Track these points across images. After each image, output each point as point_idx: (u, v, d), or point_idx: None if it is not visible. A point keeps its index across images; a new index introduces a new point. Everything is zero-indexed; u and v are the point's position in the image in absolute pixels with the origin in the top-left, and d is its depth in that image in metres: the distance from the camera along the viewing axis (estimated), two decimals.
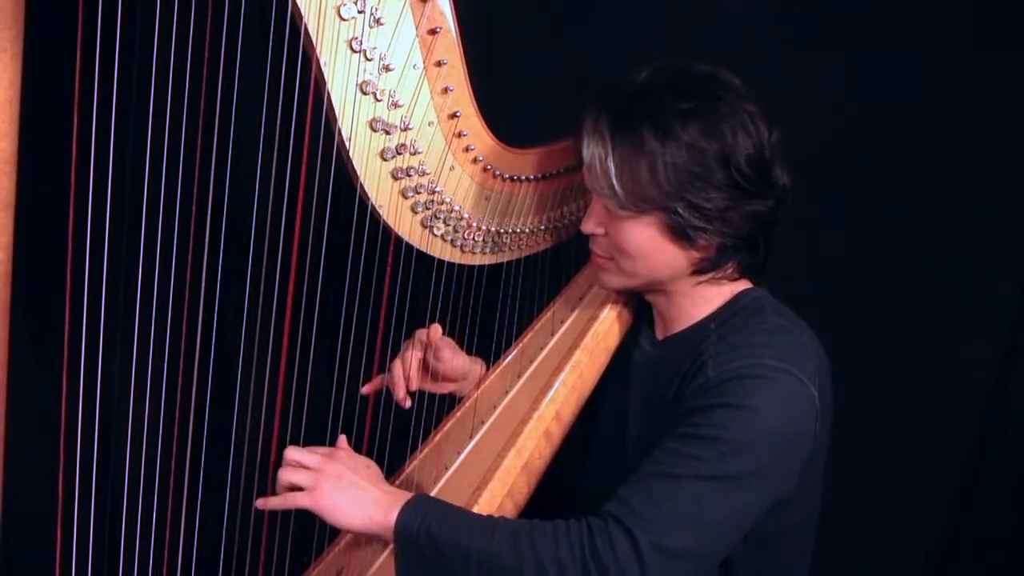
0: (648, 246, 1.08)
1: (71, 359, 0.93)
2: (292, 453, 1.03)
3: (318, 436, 1.18)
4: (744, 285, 1.14)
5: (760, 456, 0.97)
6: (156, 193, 0.95)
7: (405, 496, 1.02)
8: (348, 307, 1.17)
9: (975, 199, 1.65)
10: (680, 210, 1.03)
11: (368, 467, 1.05)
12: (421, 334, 1.27)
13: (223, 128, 0.98)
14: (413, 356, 1.26)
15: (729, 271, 1.11)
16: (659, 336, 1.20)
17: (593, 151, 1.06)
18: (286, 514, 1.12)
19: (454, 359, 1.31)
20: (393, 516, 0.99)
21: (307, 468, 1.02)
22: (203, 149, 0.97)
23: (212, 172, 0.98)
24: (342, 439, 1.10)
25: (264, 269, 1.04)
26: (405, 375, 1.25)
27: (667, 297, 1.16)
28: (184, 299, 1.01)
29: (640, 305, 1.28)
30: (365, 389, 1.26)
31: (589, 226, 1.13)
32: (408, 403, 1.25)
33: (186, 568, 1.09)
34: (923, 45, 1.61)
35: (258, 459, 1.09)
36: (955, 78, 1.60)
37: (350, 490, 1.01)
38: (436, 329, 1.25)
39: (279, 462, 1.05)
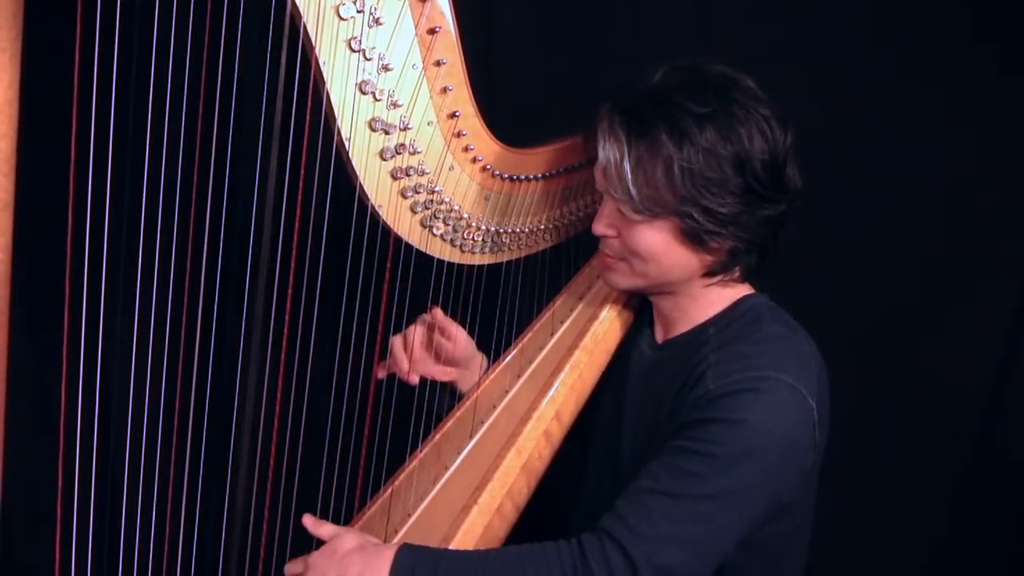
0: (661, 249, 1.08)
1: (70, 359, 0.93)
2: None
3: (317, 437, 1.19)
4: (745, 291, 1.15)
5: (757, 470, 0.97)
6: (155, 194, 0.95)
7: (386, 558, 1.00)
8: (348, 307, 1.17)
9: (975, 199, 1.64)
10: (695, 215, 1.03)
11: (333, 554, 1.02)
12: (425, 317, 1.27)
13: (222, 128, 0.98)
14: (416, 330, 1.27)
15: (736, 273, 1.11)
16: (659, 339, 1.20)
17: (609, 153, 1.05)
18: (286, 510, 1.13)
19: (460, 336, 1.30)
20: None
21: None
22: (202, 149, 0.97)
23: (211, 173, 0.98)
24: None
25: (264, 270, 1.04)
26: (408, 348, 1.25)
27: (673, 298, 1.16)
28: (183, 301, 1.01)
29: (640, 304, 1.28)
30: (380, 373, 1.25)
31: (600, 228, 1.12)
32: (415, 379, 1.25)
33: (185, 565, 1.09)
34: (923, 42, 1.60)
35: (257, 459, 1.09)
36: (954, 76, 1.60)
37: None
38: (437, 311, 1.26)
39: (278, 462, 1.06)
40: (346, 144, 1.04)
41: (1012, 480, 1.70)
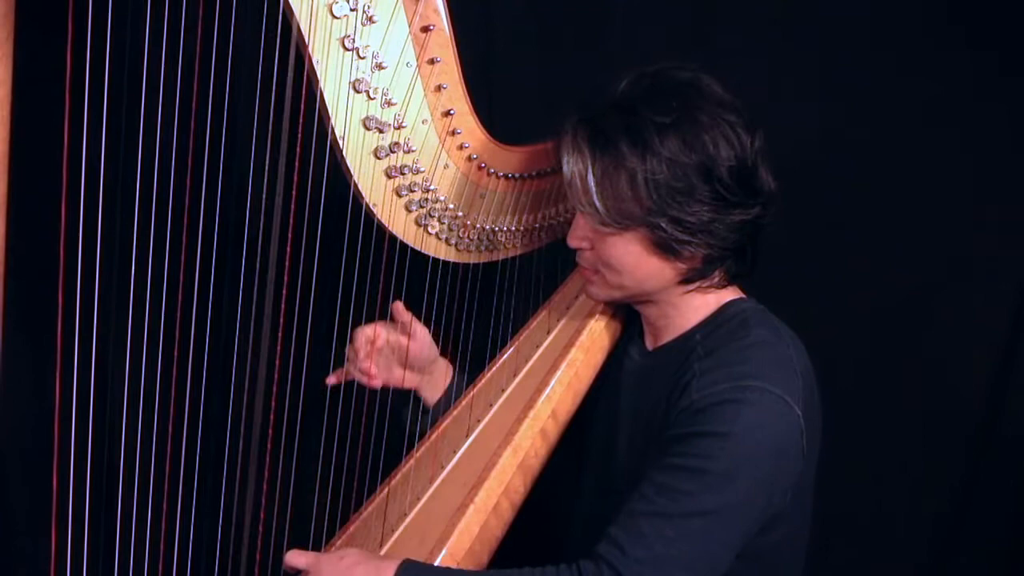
0: (633, 260, 1.07)
1: (64, 358, 0.93)
2: None
3: (314, 436, 1.19)
4: (731, 295, 1.13)
5: (748, 482, 0.97)
6: (149, 193, 0.95)
7: (388, 570, 1.02)
8: (343, 307, 1.17)
9: (975, 199, 1.64)
10: (663, 225, 1.02)
11: (340, 560, 1.05)
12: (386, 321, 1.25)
13: (215, 128, 0.98)
14: (377, 331, 1.23)
15: (716, 279, 1.10)
16: (648, 346, 1.20)
17: (573, 167, 1.05)
18: (282, 512, 1.12)
19: (421, 333, 1.27)
20: None
21: None
22: (196, 149, 0.97)
23: (205, 172, 0.98)
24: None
25: (258, 270, 1.04)
26: (373, 346, 1.21)
27: (656, 307, 1.15)
28: (177, 301, 1.01)
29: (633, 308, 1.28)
30: (331, 380, 1.25)
31: (574, 241, 1.12)
32: (378, 383, 1.23)
33: (181, 566, 1.09)
34: (922, 43, 1.60)
35: (253, 458, 1.09)
36: (954, 77, 1.60)
37: None
38: (399, 305, 1.23)
39: (275, 462, 1.06)
40: (340, 143, 1.04)
41: (1012, 480, 1.69)
